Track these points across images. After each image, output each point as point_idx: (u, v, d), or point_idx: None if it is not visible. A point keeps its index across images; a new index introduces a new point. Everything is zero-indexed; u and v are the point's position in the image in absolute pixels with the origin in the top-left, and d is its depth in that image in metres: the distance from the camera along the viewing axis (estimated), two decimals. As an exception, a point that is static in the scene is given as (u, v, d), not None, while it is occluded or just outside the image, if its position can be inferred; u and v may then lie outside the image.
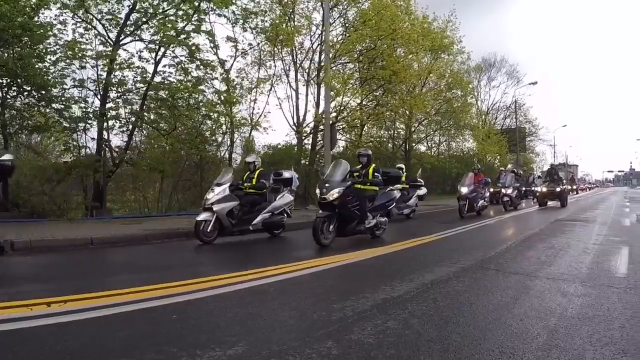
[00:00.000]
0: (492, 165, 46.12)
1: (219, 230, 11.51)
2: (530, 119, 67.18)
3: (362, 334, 4.51)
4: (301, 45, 28.35)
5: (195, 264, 9.10)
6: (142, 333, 4.54)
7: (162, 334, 4.49)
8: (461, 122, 40.65)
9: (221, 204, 11.51)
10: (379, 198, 12.51)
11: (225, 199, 11.68)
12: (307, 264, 8.25)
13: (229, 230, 11.70)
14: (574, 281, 7.09)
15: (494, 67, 61.56)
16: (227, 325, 4.75)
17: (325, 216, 10.68)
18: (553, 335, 4.55)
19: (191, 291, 6.05)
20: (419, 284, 6.74)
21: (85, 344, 4.20)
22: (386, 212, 12.89)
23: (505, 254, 9.94)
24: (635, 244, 11.57)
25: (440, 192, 39.05)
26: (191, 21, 18.77)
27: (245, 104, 26.07)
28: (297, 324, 4.85)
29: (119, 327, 4.71)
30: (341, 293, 6.18)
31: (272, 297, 6.07)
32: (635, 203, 36.98)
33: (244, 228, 12.05)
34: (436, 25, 35.00)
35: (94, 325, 4.75)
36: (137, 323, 4.87)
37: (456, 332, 4.62)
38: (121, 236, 11.43)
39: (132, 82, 18.53)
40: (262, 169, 13.40)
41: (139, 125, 19.75)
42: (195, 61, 19.31)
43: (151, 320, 4.99)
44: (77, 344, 4.19)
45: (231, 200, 11.87)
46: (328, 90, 22.10)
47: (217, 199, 11.53)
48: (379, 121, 33.53)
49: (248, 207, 12.29)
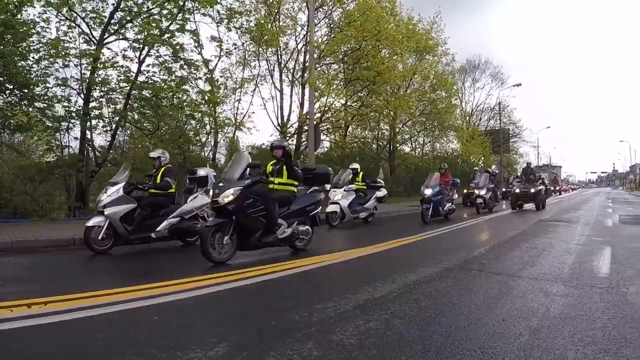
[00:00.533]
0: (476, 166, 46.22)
1: (114, 238, 9.97)
2: (514, 121, 67.62)
3: (344, 334, 4.48)
4: (286, 46, 28.39)
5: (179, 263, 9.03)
6: (122, 335, 4.48)
7: (143, 336, 4.44)
8: (445, 123, 40.82)
9: (114, 207, 9.94)
10: (297, 201, 10.06)
11: (118, 201, 10.08)
12: (290, 265, 8.22)
13: (125, 238, 10.07)
14: (556, 281, 7.12)
15: (479, 68, 61.86)
16: (208, 326, 4.72)
17: (216, 224, 8.45)
18: (535, 335, 4.54)
19: (173, 292, 6.00)
20: (402, 284, 6.72)
21: (64, 346, 4.14)
22: (310, 219, 10.41)
23: (488, 254, 9.98)
24: (617, 244, 11.65)
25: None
26: (175, 20, 18.68)
27: (229, 104, 26.08)
28: (278, 325, 4.79)
29: (100, 328, 4.64)
30: (323, 294, 6.17)
31: (254, 297, 6.04)
32: (617, 204, 37.26)
33: (144, 235, 10.38)
34: (421, 26, 35.19)
35: (75, 327, 4.69)
36: (118, 325, 4.81)
37: (438, 332, 4.60)
38: None
39: (116, 81, 18.42)
40: (168, 166, 11.52)
41: (123, 125, 19.63)
42: (179, 61, 19.22)
43: (132, 321, 4.93)
44: (56, 346, 4.14)
45: (127, 202, 10.24)
46: (312, 90, 22.10)
47: (110, 201, 9.99)
48: (363, 122, 33.58)
49: (149, 210, 10.52)
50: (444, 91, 38.54)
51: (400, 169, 38.13)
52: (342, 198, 16.61)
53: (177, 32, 18.78)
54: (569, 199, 48.71)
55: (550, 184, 58.46)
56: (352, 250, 10.15)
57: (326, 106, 29.35)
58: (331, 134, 32.87)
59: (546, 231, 14.67)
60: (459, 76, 55.85)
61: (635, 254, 10.07)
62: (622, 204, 38.07)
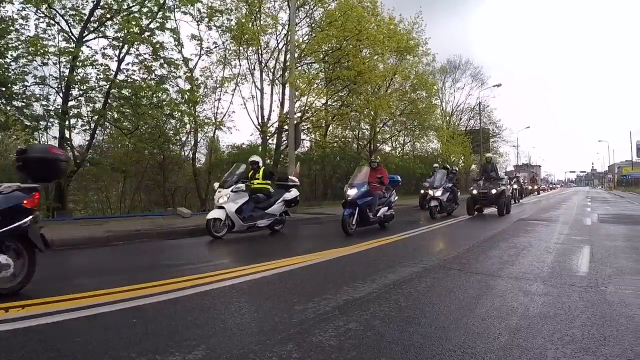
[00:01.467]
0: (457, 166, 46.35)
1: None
2: (494, 121, 67.87)
3: (323, 336, 4.46)
4: (267, 45, 28.26)
5: (156, 266, 8.93)
6: (100, 338, 4.42)
7: (121, 339, 4.37)
8: (426, 123, 40.88)
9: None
10: None
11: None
12: (270, 265, 8.17)
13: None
14: (535, 280, 7.13)
15: (459, 69, 62.24)
16: (187, 329, 4.66)
17: None
18: (515, 335, 4.55)
19: (151, 294, 5.93)
20: (382, 284, 6.71)
21: (40, 350, 4.08)
22: None
23: (467, 253, 10.00)
24: (596, 243, 11.72)
25: (405, 191, 39.25)
26: (156, 19, 18.57)
27: (209, 104, 25.95)
28: (257, 327, 4.77)
29: (77, 332, 4.58)
30: (303, 294, 6.11)
31: (233, 299, 5.97)
32: (596, 202, 37.57)
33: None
34: (402, 26, 35.17)
35: (51, 330, 4.62)
36: (95, 328, 4.75)
37: (418, 332, 4.59)
38: (82, 238, 11.16)
39: (95, 79, 18.26)
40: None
41: (102, 124, 19.48)
42: (159, 59, 19.12)
43: (110, 324, 4.86)
44: (32, 351, 4.07)
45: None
46: (293, 90, 22.10)
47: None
48: (343, 121, 33.56)
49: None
50: (424, 91, 38.58)
51: (381, 168, 38.12)
52: (229, 201, 12.78)
53: (157, 30, 18.69)
54: (548, 198, 49.00)
55: (529, 184, 58.87)
56: (332, 250, 10.06)
57: (307, 105, 29.30)
58: (312, 134, 32.86)
59: (526, 230, 14.76)
60: (439, 76, 56.29)
61: (614, 253, 10.12)
62: (600, 203, 38.36)
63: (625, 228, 16.05)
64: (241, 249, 11.28)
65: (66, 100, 17.57)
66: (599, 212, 25.21)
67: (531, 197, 50.67)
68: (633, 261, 9.14)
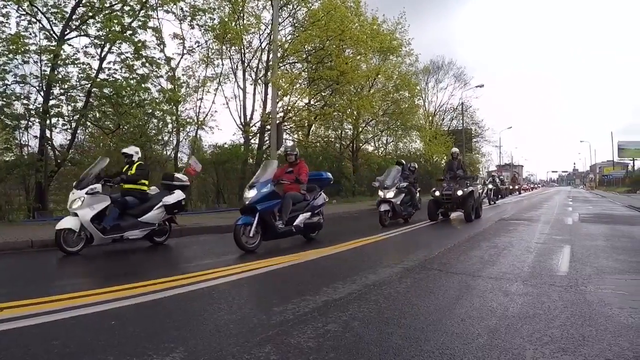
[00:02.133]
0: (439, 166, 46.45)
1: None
2: (476, 121, 68.20)
3: (302, 337, 4.42)
4: (250, 44, 28.20)
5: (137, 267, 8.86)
6: (79, 341, 4.37)
7: (100, 342, 4.32)
8: (408, 123, 40.98)
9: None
10: None
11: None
12: (251, 266, 8.13)
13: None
14: (516, 280, 7.15)
15: (442, 69, 62.43)
16: (166, 332, 4.62)
17: None
18: (494, 335, 4.54)
19: (130, 296, 5.87)
20: (362, 285, 6.68)
21: (17, 355, 4.02)
22: None
23: (449, 253, 10.01)
24: (576, 242, 11.78)
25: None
26: (138, 17, 18.46)
27: (191, 103, 25.82)
28: (236, 329, 4.72)
29: (56, 335, 4.50)
30: (283, 296, 6.08)
31: (213, 300, 5.92)
32: (578, 202, 37.81)
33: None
34: (385, 27, 35.28)
35: (30, 333, 4.56)
36: (74, 331, 4.69)
37: (397, 334, 4.56)
38: None
39: (77, 78, 18.09)
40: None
41: (83, 123, 19.33)
42: (141, 58, 19.00)
43: (89, 327, 4.81)
44: (11, 354, 4.03)
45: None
46: (275, 90, 22.06)
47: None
48: (326, 121, 33.54)
49: None
50: (407, 91, 38.68)
51: (363, 168, 38.14)
52: (83, 206, 9.97)
53: (139, 29, 18.58)
54: (530, 198, 49.23)
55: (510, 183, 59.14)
56: (313, 251, 10.06)
57: (289, 105, 29.26)
58: (294, 133, 32.84)
59: (507, 230, 14.80)
60: (422, 77, 56.44)
61: (594, 252, 10.16)
62: (582, 202, 38.62)
63: (606, 227, 16.15)
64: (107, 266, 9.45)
65: (47, 99, 17.40)
66: (581, 211, 25.37)
67: (512, 196, 50.99)
68: (613, 260, 9.18)
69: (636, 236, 13.63)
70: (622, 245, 11.45)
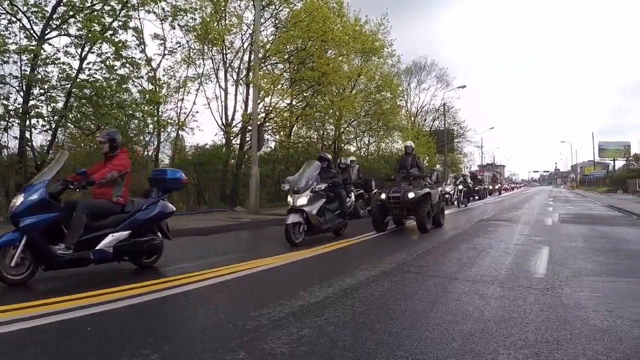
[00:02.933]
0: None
1: None
2: (458, 121, 68.38)
3: (276, 343, 4.39)
4: (231, 45, 28.05)
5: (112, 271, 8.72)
6: (53, 348, 4.33)
7: (75, 348, 4.30)
8: (390, 123, 40.93)
9: None
10: None
11: None
12: (229, 269, 8.03)
13: None
14: (493, 283, 7.16)
15: (424, 70, 62.48)
16: (141, 337, 4.57)
17: None
18: (468, 340, 4.53)
19: (107, 301, 5.79)
20: (338, 289, 6.65)
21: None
22: None
23: (427, 255, 10.00)
24: (555, 244, 11.87)
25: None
26: (118, 17, 18.32)
27: (172, 104, 25.64)
28: (211, 334, 4.68)
29: (32, 341, 4.48)
30: (259, 300, 6.02)
31: (189, 305, 5.89)
32: (558, 202, 38.13)
33: None
34: (368, 28, 35.13)
35: (5, 340, 4.50)
36: (50, 336, 4.65)
37: (371, 339, 4.54)
38: None
39: (57, 78, 17.91)
40: None
41: (63, 124, 19.15)
42: (121, 59, 18.86)
43: (64, 333, 4.75)
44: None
45: None
46: (256, 90, 21.96)
47: None
48: (308, 122, 33.46)
49: None
50: (389, 92, 38.66)
51: (346, 168, 38.08)
52: None
53: (119, 29, 18.44)
54: (511, 198, 49.51)
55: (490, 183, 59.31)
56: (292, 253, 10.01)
57: (271, 106, 29.17)
58: (276, 134, 32.75)
59: (486, 231, 14.88)
60: (405, 77, 56.41)
61: (572, 254, 10.24)
62: (562, 202, 38.97)
63: (585, 228, 16.29)
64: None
65: (27, 99, 17.20)
66: (561, 211, 25.58)
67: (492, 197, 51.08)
68: (591, 262, 9.25)
69: (615, 237, 13.76)
70: (601, 247, 11.55)
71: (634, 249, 11.46)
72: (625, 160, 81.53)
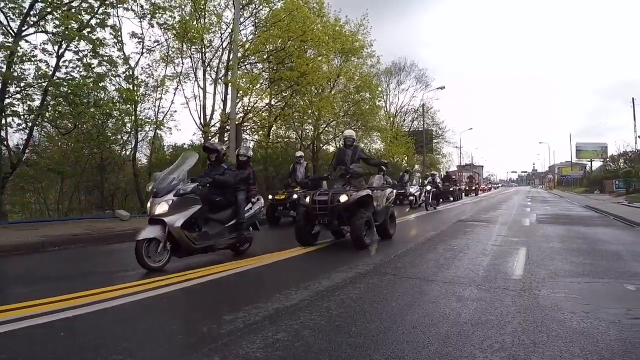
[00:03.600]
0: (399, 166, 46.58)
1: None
2: (437, 122, 68.57)
3: (251, 347, 4.33)
4: (210, 43, 27.88)
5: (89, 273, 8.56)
6: (25, 353, 4.26)
7: (47, 354, 4.21)
8: (369, 123, 40.97)
9: None
10: None
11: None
12: (204, 272, 7.97)
13: None
14: (470, 285, 7.15)
15: (404, 71, 62.59)
16: (114, 342, 4.48)
17: None
18: (444, 343, 4.50)
19: (82, 305, 5.68)
20: (315, 291, 6.59)
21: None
22: None
23: (404, 256, 9.96)
24: (532, 244, 11.93)
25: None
26: (96, 14, 18.14)
27: (150, 102, 25.44)
28: (186, 339, 4.66)
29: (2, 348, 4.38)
30: (234, 303, 5.96)
31: (164, 309, 5.83)
32: (536, 202, 38.39)
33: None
34: (348, 28, 35.23)
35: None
36: (20, 342, 4.56)
37: (347, 342, 4.49)
38: (14, 244, 10.59)
39: (34, 76, 17.67)
40: None
41: (39, 123, 18.93)
42: (98, 57, 18.67)
43: (37, 338, 4.67)
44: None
45: None
46: (234, 90, 21.86)
47: None
48: (286, 122, 33.40)
49: None
50: (368, 93, 38.71)
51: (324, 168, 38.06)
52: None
53: (97, 27, 18.26)
54: (489, 198, 49.75)
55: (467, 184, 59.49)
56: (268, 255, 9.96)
57: (249, 106, 29.08)
58: (254, 134, 32.65)
59: (464, 232, 14.90)
60: (384, 78, 56.64)
61: (549, 255, 10.29)
62: (540, 202, 39.27)
63: (562, 228, 16.40)
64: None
65: (2, 97, 16.98)
66: (538, 212, 25.77)
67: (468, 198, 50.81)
68: (567, 263, 9.30)
69: (591, 238, 13.86)
70: (577, 247, 11.62)
71: (610, 249, 11.53)
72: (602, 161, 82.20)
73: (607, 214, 24.41)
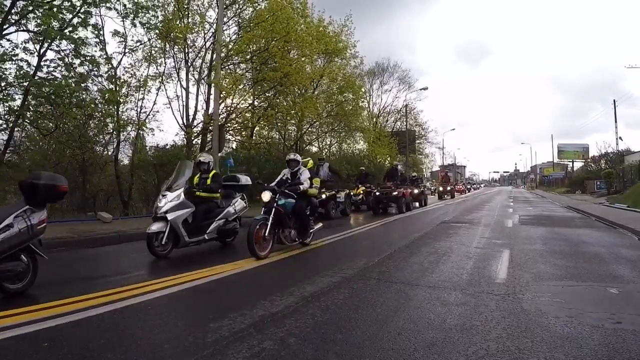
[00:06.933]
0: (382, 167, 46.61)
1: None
2: (420, 123, 68.68)
3: (237, 357, 4.31)
4: (193, 43, 27.72)
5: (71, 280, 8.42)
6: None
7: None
8: (352, 124, 40.98)
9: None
10: None
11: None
12: (187, 277, 7.83)
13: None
14: (454, 289, 7.16)
15: (387, 71, 62.59)
16: (99, 353, 4.43)
17: None
18: (430, 350, 4.50)
19: (63, 314, 5.59)
20: (299, 297, 6.56)
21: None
22: None
23: (388, 260, 9.93)
24: (515, 247, 11.98)
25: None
26: (78, 13, 17.98)
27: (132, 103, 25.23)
28: (171, 349, 4.58)
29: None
30: (219, 310, 5.92)
31: (149, 317, 5.71)
32: (518, 203, 38.56)
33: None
34: (331, 29, 35.24)
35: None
36: (4, 354, 4.46)
37: (333, 350, 4.49)
38: None
39: (14, 76, 17.48)
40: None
41: (20, 124, 18.74)
42: (80, 56, 18.51)
43: (20, 349, 4.60)
44: None
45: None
46: (217, 90, 21.77)
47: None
48: (270, 122, 33.34)
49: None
50: (351, 93, 38.72)
51: (307, 169, 38.03)
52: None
53: (79, 25, 18.09)
54: (473, 199, 49.80)
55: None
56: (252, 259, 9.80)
57: (232, 106, 28.96)
58: (237, 135, 32.52)
59: (448, 234, 14.90)
60: (367, 79, 56.65)
61: (532, 257, 10.35)
62: (522, 203, 39.44)
63: (545, 230, 16.49)
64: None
65: (-17, 98, 16.81)
66: (521, 213, 25.86)
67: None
68: (551, 266, 9.35)
69: (573, 239, 13.94)
70: (560, 249, 11.69)
71: (592, 251, 11.60)
72: (584, 162, 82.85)
73: (588, 215, 24.58)
